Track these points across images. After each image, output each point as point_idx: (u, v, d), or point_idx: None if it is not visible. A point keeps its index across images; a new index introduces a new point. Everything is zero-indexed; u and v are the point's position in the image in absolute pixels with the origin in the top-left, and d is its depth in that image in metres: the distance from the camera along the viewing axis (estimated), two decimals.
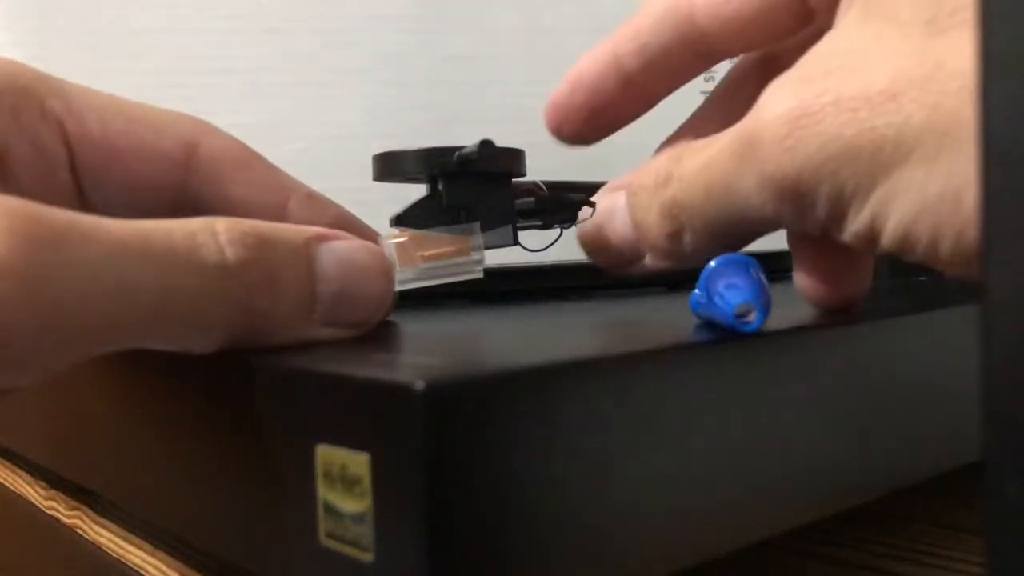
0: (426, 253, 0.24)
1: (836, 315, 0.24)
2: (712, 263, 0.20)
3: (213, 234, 0.18)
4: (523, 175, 0.27)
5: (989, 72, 0.10)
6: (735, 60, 0.28)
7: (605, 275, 0.28)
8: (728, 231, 0.23)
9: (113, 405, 0.24)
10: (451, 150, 0.25)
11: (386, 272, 0.22)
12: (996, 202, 0.10)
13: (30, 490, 0.36)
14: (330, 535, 0.16)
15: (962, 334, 0.25)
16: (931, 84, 0.18)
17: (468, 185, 0.25)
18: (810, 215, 0.20)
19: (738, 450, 0.19)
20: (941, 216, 0.18)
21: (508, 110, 0.28)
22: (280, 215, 0.24)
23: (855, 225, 0.20)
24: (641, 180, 0.25)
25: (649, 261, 0.26)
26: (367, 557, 0.15)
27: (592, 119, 0.27)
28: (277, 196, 0.24)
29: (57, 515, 0.33)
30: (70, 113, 0.23)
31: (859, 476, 0.23)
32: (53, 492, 0.34)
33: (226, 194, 0.24)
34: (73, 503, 0.32)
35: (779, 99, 0.20)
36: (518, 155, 0.26)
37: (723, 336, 0.19)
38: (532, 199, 0.26)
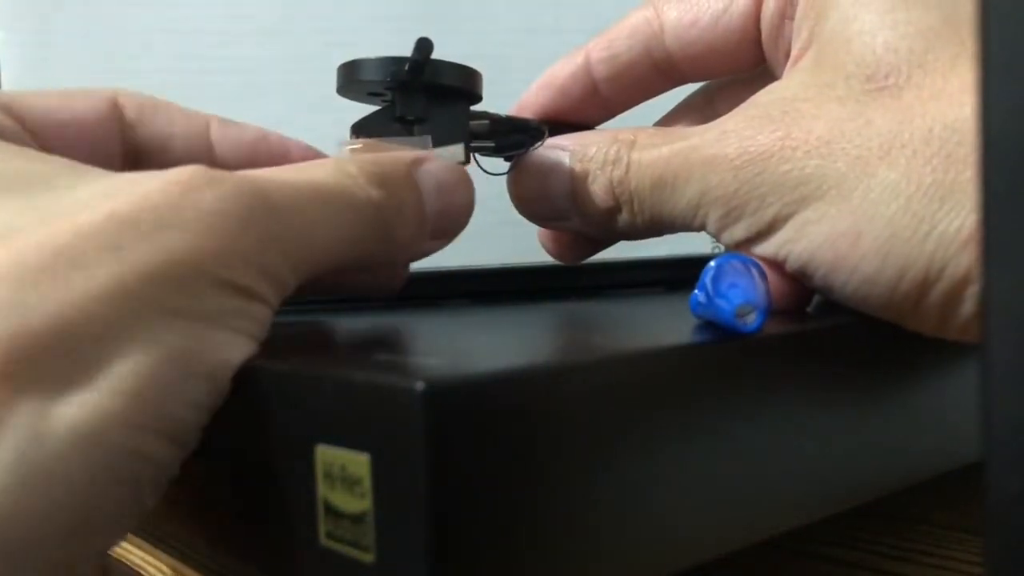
0: None
1: (836, 316, 0.24)
2: (712, 263, 0.20)
3: (350, 175, 0.20)
4: (478, 96, 0.27)
5: (989, 72, 0.10)
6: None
7: (606, 276, 0.28)
8: (661, 222, 0.25)
9: None
10: (406, 59, 0.25)
11: (469, 183, 0.24)
12: (996, 203, 0.10)
13: None
14: (330, 535, 0.16)
15: None
16: (858, 138, 0.21)
17: (421, 98, 0.26)
18: (731, 228, 0.23)
19: (738, 450, 0.19)
20: (840, 250, 0.21)
21: (508, 110, 0.28)
22: (205, 139, 0.27)
23: (767, 246, 0.23)
24: (588, 151, 0.26)
25: (577, 225, 0.27)
26: (367, 557, 0.15)
27: (554, 121, 0.29)
28: (198, 124, 0.27)
29: None
30: (23, 116, 0.24)
31: (859, 477, 0.23)
32: None
33: (154, 131, 0.26)
34: None
35: (738, 127, 0.23)
36: (470, 72, 0.26)
37: (723, 336, 0.19)
38: (487, 121, 0.27)
